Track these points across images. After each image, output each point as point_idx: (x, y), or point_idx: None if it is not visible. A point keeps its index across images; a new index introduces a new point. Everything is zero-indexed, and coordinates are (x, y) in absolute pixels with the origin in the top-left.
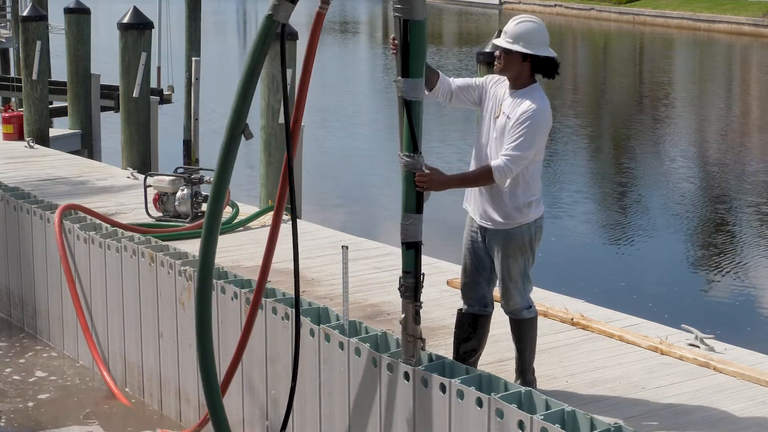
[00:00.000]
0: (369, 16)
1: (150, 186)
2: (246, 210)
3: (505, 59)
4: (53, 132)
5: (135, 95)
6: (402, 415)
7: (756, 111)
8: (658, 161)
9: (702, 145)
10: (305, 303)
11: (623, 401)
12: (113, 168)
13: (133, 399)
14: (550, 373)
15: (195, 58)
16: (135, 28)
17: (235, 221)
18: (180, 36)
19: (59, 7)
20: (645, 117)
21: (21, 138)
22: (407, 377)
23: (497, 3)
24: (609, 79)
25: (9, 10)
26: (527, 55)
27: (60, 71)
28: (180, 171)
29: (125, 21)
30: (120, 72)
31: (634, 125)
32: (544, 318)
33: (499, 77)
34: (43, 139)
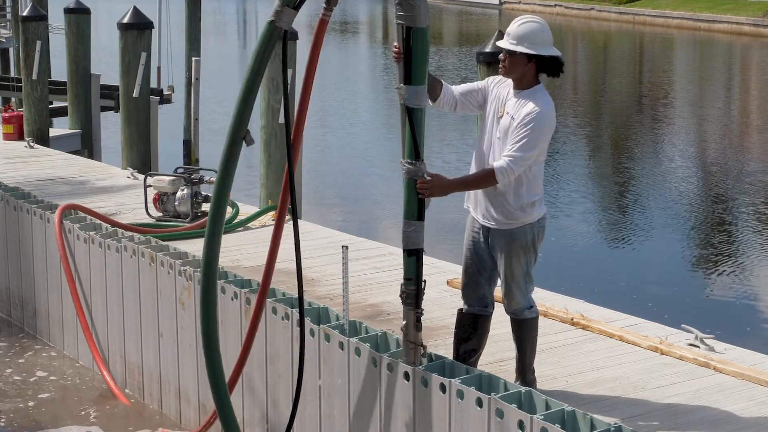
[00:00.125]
0: (369, 16)
1: (150, 186)
2: (246, 210)
3: (510, 61)
4: (53, 132)
5: (135, 95)
6: (402, 415)
7: (756, 111)
8: (657, 161)
9: (702, 145)
10: (305, 303)
11: (623, 401)
12: (113, 168)
13: (133, 399)
14: (550, 373)
15: (195, 58)
16: (135, 28)
17: (235, 221)
18: (180, 36)
19: (59, 7)
20: (645, 117)
21: (21, 138)
22: (407, 377)
23: (497, 3)
24: (609, 79)
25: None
26: (532, 56)
27: (60, 71)
28: (180, 171)
29: (125, 21)
30: (120, 72)
31: (633, 125)
32: (544, 318)
33: (501, 77)
34: (43, 139)
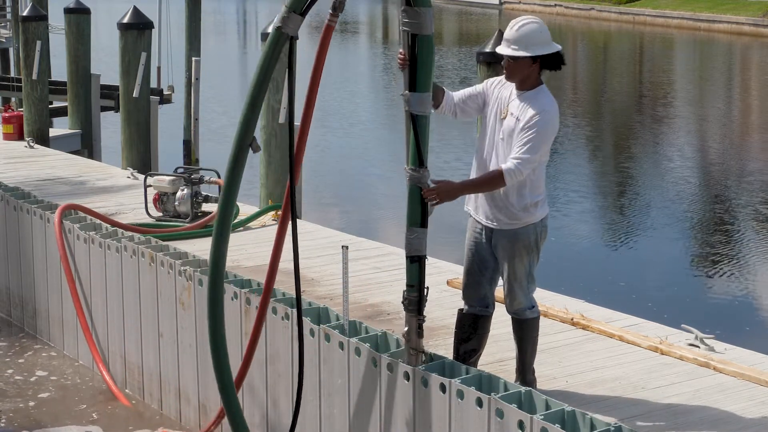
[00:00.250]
0: (369, 16)
1: (150, 186)
2: (246, 210)
3: (514, 66)
4: (53, 132)
5: (135, 95)
6: (402, 415)
7: (756, 111)
8: (657, 161)
9: (701, 145)
10: (305, 303)
11: (623, 401)
12: (113, 168)
13: (133, 399)
14: (550, 373)
15: (195, 58)
16: (135, 28)
17: (235, 221)
18: (180, 36)
19: (59, 7)
20: (645, 117)
21: (21, 138)
22: (407, 377)
23: (497, 3)
24: (609, 79)
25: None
26: (536, 57)
27: (60, 71)
28: (180, 171)
29: (125, 21)
30: (120, 72)
31: (633, 125)
32: (544, 318)
33: (501, 79)
34: (43, 139)
